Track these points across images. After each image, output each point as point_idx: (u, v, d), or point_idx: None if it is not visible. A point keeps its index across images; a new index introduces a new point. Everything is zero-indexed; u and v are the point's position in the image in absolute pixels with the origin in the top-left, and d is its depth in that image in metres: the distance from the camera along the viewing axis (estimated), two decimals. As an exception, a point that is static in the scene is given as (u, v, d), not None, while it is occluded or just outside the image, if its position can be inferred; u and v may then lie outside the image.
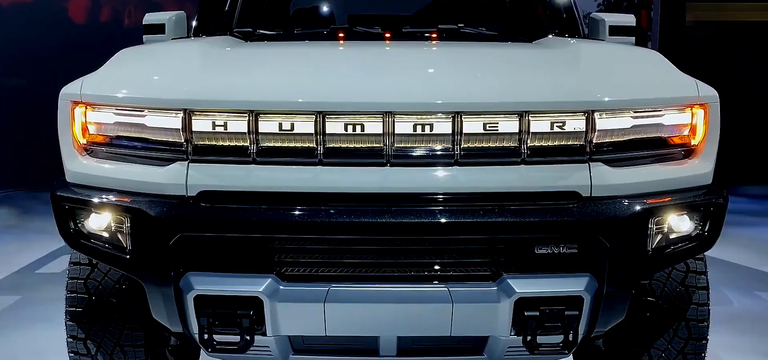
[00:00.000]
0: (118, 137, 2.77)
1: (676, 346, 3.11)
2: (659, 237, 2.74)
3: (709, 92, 2.81)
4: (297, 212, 2.65)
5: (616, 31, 3.82)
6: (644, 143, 2.76)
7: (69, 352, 3.18)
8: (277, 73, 2.94)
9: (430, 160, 2.68)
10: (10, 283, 5.72)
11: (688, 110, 2.79)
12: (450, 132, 2.66)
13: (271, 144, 2.68)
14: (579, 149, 2.69)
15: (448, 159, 2.68)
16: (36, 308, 5.07)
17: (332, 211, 2.64)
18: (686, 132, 2.80)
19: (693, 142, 2.81)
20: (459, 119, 2.65)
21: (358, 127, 2.65)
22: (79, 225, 2.80)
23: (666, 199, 2.73)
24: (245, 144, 2.67)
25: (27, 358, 4.25)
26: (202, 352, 3.01)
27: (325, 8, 4.82)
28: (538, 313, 2.68)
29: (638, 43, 3.84)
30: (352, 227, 2.62)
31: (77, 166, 2.80)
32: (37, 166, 9.17)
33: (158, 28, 3.88)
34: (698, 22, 11.99)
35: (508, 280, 2.67)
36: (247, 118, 2.65)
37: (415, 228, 2.63)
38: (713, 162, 2.83)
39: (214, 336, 2.75)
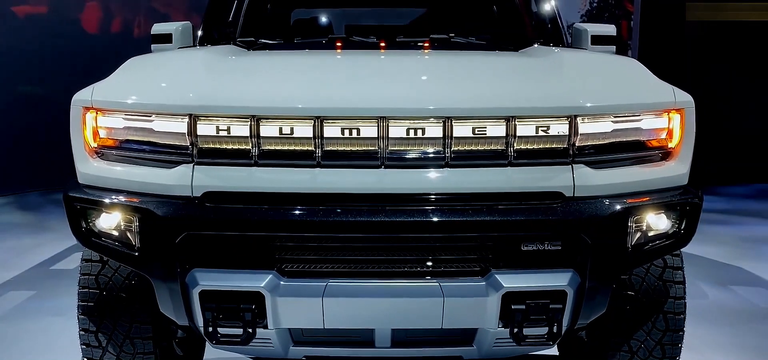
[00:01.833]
0: (127, 141, 2.76)
1: (655, 338, 3.12)
2: (638, 234, 2.75)
3: (685, 98, 2.82)
4: (297, 212, 2.64)
5: (598, 40, 3.82)
6: (624, 146, 2.77)
7: (81, 344, 3.17)
8: (277, 81, 2.93)
9: (422, 163, 2.68)
10: (26, 279, 5.71)
11: (665, 115, 2.79)
12: (441, 136, 2.66)
13: (272, 147, 2.68)
14: (562, 152, 2.70)
15: (439, 161, 2.68)
16: (50, 302, 5.06)
17: (330, 211, 2.63)
18: (663, 135, 2.81)
19: (670, 145, 2.81)
20: (449, 124, 2.65)
21: (355, 131, 2.65)
22: (91, 224, 2.79)
23: (644, 199, 2.74)
24: (247, 147, 2.67)
25: (42, 348, 4.25)
26: (207, 344, 3.01)
27: (323, 19, 4.82)
28: (524, 307, 2.69)
29: (619, 52, 3.84)
30: (348, 226, 2.62)
31: (88, 168, 2.80)
32: (51, 169, 9.18)
33: (165, 38, 3.88)
34: (697, 23, 11.49)
35: (496, 276, 2.67)
36: (250, 122, 2.65)
37: (408, 226, 2.63)
38: (689, 164, 2.83)
39: (218, 329, 2.74)
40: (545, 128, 2.67)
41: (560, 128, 2.68)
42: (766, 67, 11.46)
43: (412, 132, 2.65)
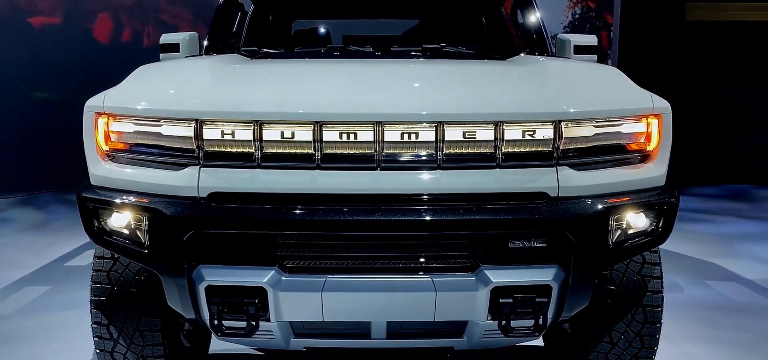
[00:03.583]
0: (137, 144, 2.76)
1: (634, 329, 3.13)
2: (618, 232, 2.76)
3: (662, 104, 2.83)
4: (297, 211, 2.64)
5: (580, 49, 3.84)
6: (605, 149, 2.78)
7: (94, 337, 3.17)
8: (279, 87, 2.93)
9: (415, 165, 2.68)
10: (42, 275, 5.70)
11: (643, 120, 2.80)
12: (433, 139, 2.66)
13: (274, 150, 2.68)
14: (547, 155, 2.70)
15: (431, 164, 2.68)
16: (64, 297, 5.05)
17: (329, 211, 2.64)
18: (642, 139, 2.82)
19: (648, 149, 2.82)
20: (441, 128, 2.65)
21: (352, 135, 2.65)
22: (103, 223, 2.79)
23: (624, 199, 2.75)
24: (251, 150, 2.67)
25: (57, 340, 4.23)
26: (213, 336, 3.01)
27: (322, 29, 4.84)
28: (511, 300, 2.69)
29: (599, 61, 3.86)
30: (346, 225, 2.62)
31: (100, 170, 2.79)
32: (64, 171, 9.15)
33: (173, 47, 3.88)
34: (698, 23, 10.92)
35: (485, 271, 2.67)
36: (253, 127, 2.65)
37: (402, 225, 2.63)
38: (666, 165, 2.84)
39: (223, 322, 2.74)
40: (531, 132, 2.68)
41: (545, 132, 2.69)
42: (765, 67, 10.99)
43: (406, 136, 2.66)
